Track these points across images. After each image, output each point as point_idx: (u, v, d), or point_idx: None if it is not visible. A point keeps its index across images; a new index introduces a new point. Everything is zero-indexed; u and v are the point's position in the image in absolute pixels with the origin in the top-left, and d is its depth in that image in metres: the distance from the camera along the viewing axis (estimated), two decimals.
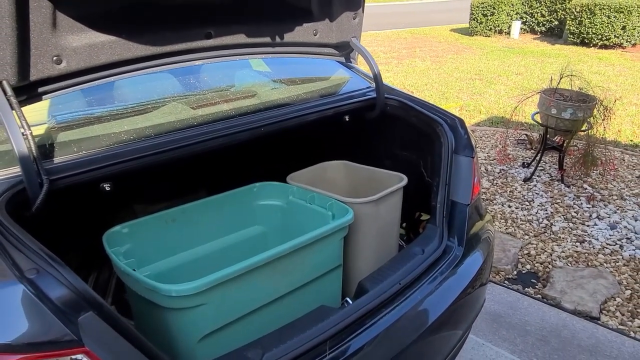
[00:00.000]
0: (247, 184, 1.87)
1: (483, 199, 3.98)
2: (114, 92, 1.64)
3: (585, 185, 4.09)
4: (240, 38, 1.73)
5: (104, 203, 1.54)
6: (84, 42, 1.37)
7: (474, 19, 12.12)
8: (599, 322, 2.65)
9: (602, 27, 9.86)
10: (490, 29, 12.02)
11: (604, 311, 2.73)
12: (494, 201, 3.93)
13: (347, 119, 2.07)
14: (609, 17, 9.72)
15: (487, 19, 11.95)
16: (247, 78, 2.15)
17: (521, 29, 11.98)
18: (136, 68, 1.49)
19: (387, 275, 1.56)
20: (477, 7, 11.91)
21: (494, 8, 11.75)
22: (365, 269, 1.77)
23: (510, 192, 4.07)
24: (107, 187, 1.37)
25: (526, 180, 4.21)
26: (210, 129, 1.54)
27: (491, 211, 3.79)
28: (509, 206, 3.86)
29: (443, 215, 1.81)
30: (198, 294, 1.19)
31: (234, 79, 2.11)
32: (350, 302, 1.48)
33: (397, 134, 2.22)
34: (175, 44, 1.56)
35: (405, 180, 1.81)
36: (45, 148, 1.33)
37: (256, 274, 1.32)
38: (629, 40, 9.84)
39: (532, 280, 3.04)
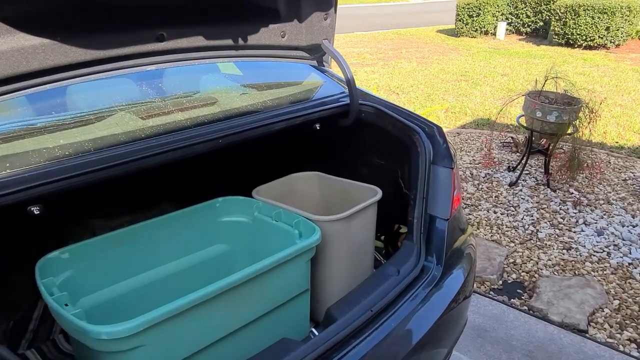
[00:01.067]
0: (209, 199, 1.72)
1: (468, 204, 3.87)
2: (51, 102, 1.47)
3: (571, 190, 4.00)
4: (198, 40, 1.58)
5: (34, 229, 1.38)
6: (10, 45, 1.21)
7: (459, 20, 12.08)
8: (587, 335, 2.54)
9: (586, 28, 9.86)
10: (476, 29, 11.98)
11: (592, 323, 2.63)
12: (479, 207, 3.82)
13: (318, 127, 1.93)
14: (593, 17, 9.72)
15: (472, 20, 11.91)
16: (211, 83, 2.00)
17: (507, 30, 11.96)
18: (74, 75, 1.33)
19: (358, 300, 1.43)
20: (463, 8, 11.87)
21: (480, 9, 11.71)
22: (337, 292, 1.63)
23: (495, 197, 3.97)
24: (35, 210, 1.21)
25: (512, 184, 4.11)
26: (160, 141, 1.39)
27: (476, 217, 3.67)
28: (495, 212, 3.75)
29: (420, 231, 1.68)
30: (134, 335, 1.04)
31: (197, 85, 1.95)
32: (316, 332, 1.33)
33: (373, 142, 2.09)
34: (122, 47, 1.40)
35: (379, 194, 1.68)
36: None
37: (206, 308, 1.17)
38: (612, 41, 9.85)
39: (518, 291, 2.93)
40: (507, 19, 12.02)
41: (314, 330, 1.33)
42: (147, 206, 1.71)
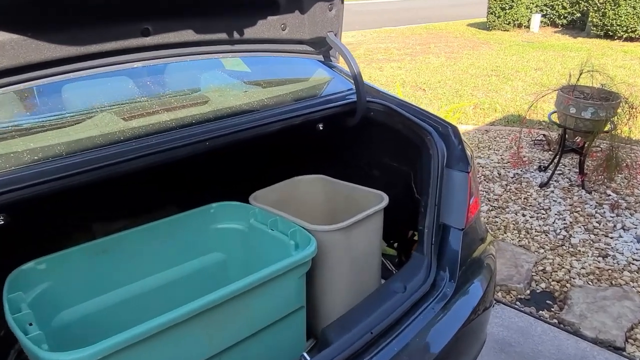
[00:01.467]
0: (203, 204, 1.61)
1: (495, 206, 3.64)
2: (23, 103, 1.39)
3: (608, 192, 3.71)
4: (187, 35, 1.46)
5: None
6: None
7: (491, 13, 11.64)
8: (624, 353, 2.31)
9: (627, 19, 9.31)
10: (509, 22, 11.52)
11: (629, 340, 2.39)
12: (507, 209, 3.59)
13: (322, 127, 1.78)
14: (634, 7, 9.16)
15: (505, 13, 11.45)
16: (210, 81, 1.88)
17: (541, 22, 11.45)
18: (49, 74, 1.23)
19: (357, 320, 1.28)
20: (495, 0, 11.43)
21: (513, 1, 11.25)
22: (336, 309, 1.49)
23: (524, 198, 3.72)
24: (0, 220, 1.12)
25: (542, 185, 3.85)
26: (141, 144, 1.28)
27: (503, 220, 3.45)
28: (523, 215, 3.51)
29: (431, 242, 1.52)
30: None
31: (193, 83, 1.84)
32: (307, 358, 1.20)
33: (384, 143, 1.93)
34: (101, 43, 1.30)
35: (384, 201, 1.52)
36: None
37: (181, 330, 1.05)
38: None
39: (548, 302, 2.70)
40: (541, 10, 11.51)
41: (305, 355, 1.20)
42: (132, 213, 1.61)
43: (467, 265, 1.51)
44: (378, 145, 1.95)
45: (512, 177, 4.07)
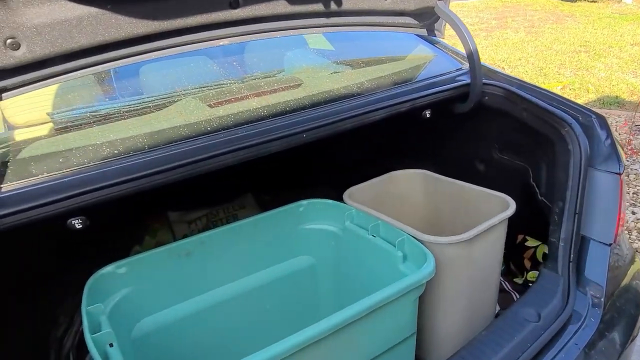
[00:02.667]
0: (289, 201, 1.42)
1: None
2: (100, 87, 1.24)
3: None
4: (279, 6, 1.25)
5: (74, 244, 1.17)
6: (50, 18, 0.96)
7: None
8: None
9: None
10: None
11: None
12: None
13: (429, 115, 1.52)
14: None
15: None
16: (296, 61, 1.67)
17: None
18: (129, 53, 1.07)
19: (484, 357, 1.04)
20: None
21: None
22: (449, 338, 1.26)
23: (633, 193, 3.27)
24: (77, 223, 0.98)
25: None
26: (229, 135, 1.09)
27: None
28: (633, 212, 3.07)
29: (569, 260, 1.24)
30: None
31: (279, 63, 1.63)
32: None
33: (497, 133, 1.64)
34: (186, 17, 1.11)
35: (512, 207, 1.25)
36: None
37: None
38: None
39: None
40: None
41: None
42: (214, 212, 1.44)
43: (615, 290, 1.22)
44: (488, 136, 1.66)
45: None
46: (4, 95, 0.98)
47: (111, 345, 0.93)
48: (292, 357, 0.87)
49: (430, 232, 1.20)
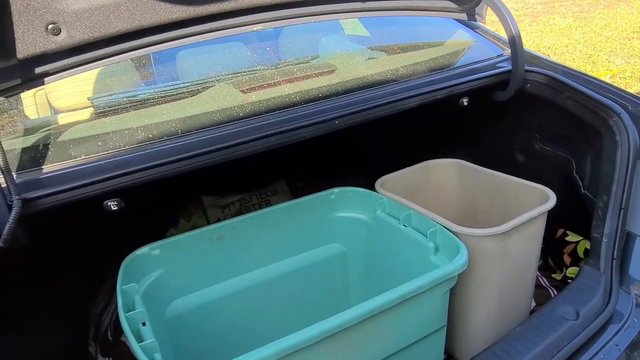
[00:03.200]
0: (322, 189, 1.41)
1: None
2: (135, 73, 1.26)
3: None
4: None
5: (110, 226, 1.20)
6: (89, 3, 0.99)
7: None
8: None
9: None
10: None
11: None
12: None
13: (466, 103, 1.47)
14: None
15: None
16: (331, 47, 1.64)
17: None
18: (165, 39, 1.08)
19: (518, 354, 1.01)
20: None
21: None
22: (480, 332, 1.23)
23: None
24: (113, 205, 1.01)
25: None
26: (262, 121, 1.09)
27: None
28: None
29: (612, 257, 1.18)
30: None
31: (313, 49, 1.61)
32: None
33: (538, 123, 1.57)
34: (220, 2, 1.11)
35: (552, 200, 1.20)
36: (22, 154, 0.99)
37: (307, 353, 0.87)
38: None
39: None
40: None
41: None
42: (247, 198, 1.46)
43: None
44: (529, 126, 1.60)
45: None
46: (46, 79, 1.02)
47: (144, 324, 0.95)
48: (319, 344, 0.87)
49: (465, 224, 1.17)
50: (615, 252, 1.18)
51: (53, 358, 1.29)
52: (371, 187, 1.40)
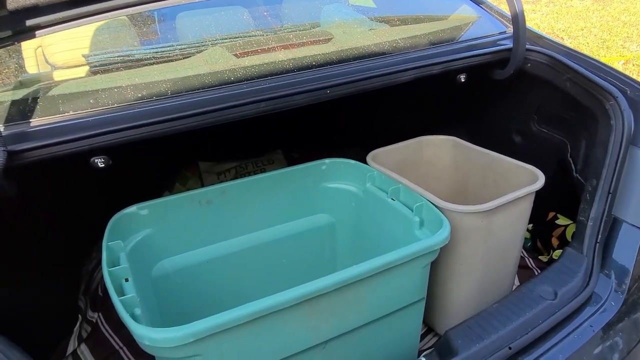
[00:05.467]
0: (313, 159, 1.41)
1: None
2: (129, 32, 1.25)
3: None
4: None
5: (104, 185, 1.21)
6: None
7: None
8: None
9: None
10: None
11: None
12: None
13: (464, 79, 1.46)
14: None
15: None
16: (331, 16, 1.61)
17: None
18: None
19: (492, 328, 1.03)
20: None
21: None
22: (461, 307, 1.25)
23: None
24: (100, 162, 1.02)
25: None
26: (253, 86, 1.09)
27: None
28: None
29: (596, 240, 1.19)
30: (188, 344, 0.80)
31: (313, 17, 1.59)
32: None
33: (537, 103, 1.55)
34: None
35: (540, 181, 1.20)
36: (10, 107, 1.00)
37: (286, 315, 0.89)
38: None
39: None
40: None
41: (423, 359, 1.00)
42: (243, 166, 1.46)
43: None
44: (527, 107, 1.58)
45: None
46: (37, 32, 1.01)
47: (126, 280, 0.98)
48: (295, 307, 0.89)
49: (456, 201, 1.18)
50: (600, 236, 1.18)
51: (42, 311, 1.33)
52: (358, 158, 1.40)
